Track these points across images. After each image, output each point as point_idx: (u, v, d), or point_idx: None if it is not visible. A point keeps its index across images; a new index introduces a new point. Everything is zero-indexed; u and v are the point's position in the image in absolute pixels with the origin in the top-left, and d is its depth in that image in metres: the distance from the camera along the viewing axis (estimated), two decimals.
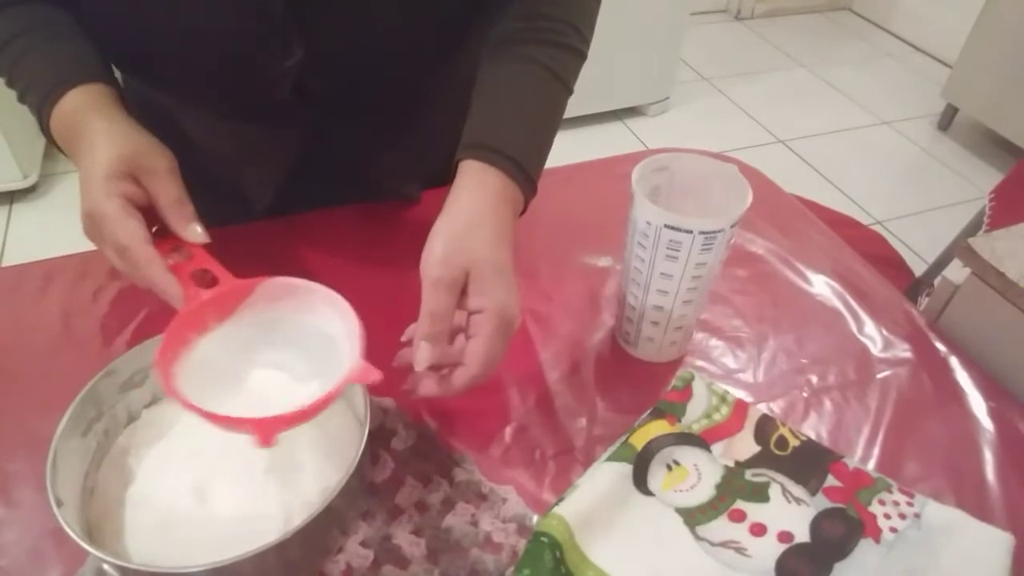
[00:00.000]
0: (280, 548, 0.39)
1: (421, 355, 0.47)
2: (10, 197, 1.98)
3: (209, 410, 0.41)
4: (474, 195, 0.51)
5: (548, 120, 0.59)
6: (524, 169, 0.53)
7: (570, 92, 0.60)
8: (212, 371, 0.45)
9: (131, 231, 0.47)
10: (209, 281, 0.49)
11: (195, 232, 0.50)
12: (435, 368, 0.48)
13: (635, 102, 2.50)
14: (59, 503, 0.41)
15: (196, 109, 0.67)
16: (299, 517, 0.41)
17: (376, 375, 0.42)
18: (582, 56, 0.61)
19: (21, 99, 0.55)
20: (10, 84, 0.56)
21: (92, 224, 0.48)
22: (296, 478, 0.47)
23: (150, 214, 0.50)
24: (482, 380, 0.48)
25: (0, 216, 1.96)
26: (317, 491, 0.46)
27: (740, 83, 2.78)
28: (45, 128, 0.53)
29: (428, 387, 0.48)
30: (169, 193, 0.50)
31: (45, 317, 0.63)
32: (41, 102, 0.52)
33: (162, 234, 0.50)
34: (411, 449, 0.52)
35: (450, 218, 0.50)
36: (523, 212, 0.56)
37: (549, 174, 0.83)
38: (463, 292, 0.48)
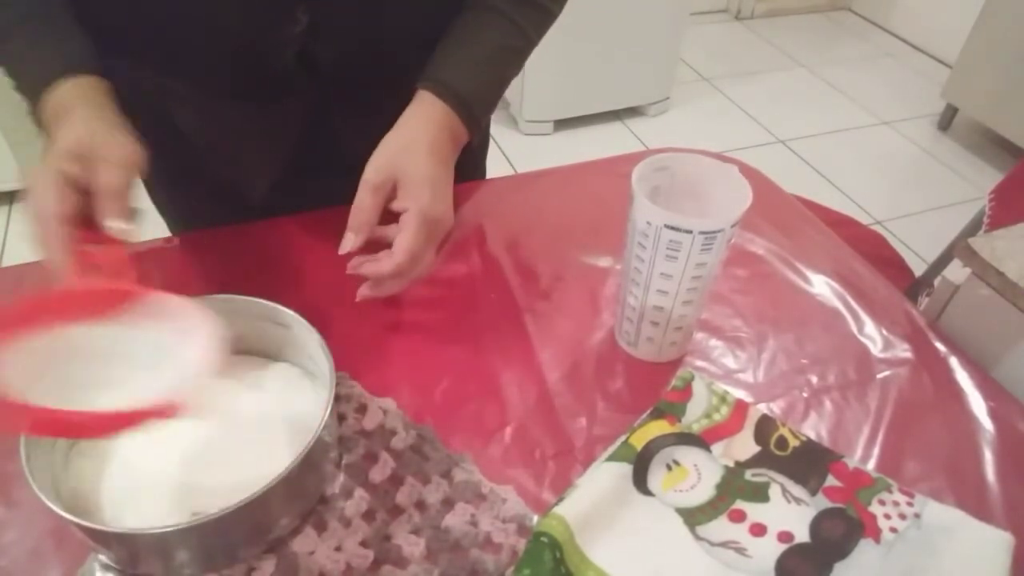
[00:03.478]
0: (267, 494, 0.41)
1: (346, 242, 0.54)
2: (10, 197, 1.98)
3: None
4: (419, 122, 0.59)
5: (502, 66, 0.66)
6: (467, 104, 0.60)
7: (531, 43, 0.66)
8: (56, 361, 0.42)
9: (50, 202, 0.45)
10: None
11: (117, 226, 0.47)
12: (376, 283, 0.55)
13: (635, 102, 2.50)
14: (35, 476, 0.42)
15: (195, 88, 0.66)
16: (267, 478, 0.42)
17: (174, 412, 0.40)
18: (548, 12, 0.67)
19: (18, 89, 0.55)
20: (8, 74, 0.56)
21: (28, 193, 0.47)
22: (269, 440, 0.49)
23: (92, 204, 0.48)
24: (409, 274, 0.55)
25: (0, 216, 1.96)
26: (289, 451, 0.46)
27: (740, 83, 2.78)
28: (38, 118, 0.53)
29: (365, 268, 0.55)
30: (110, 182, 0.47)
31: None
32: (35, 93, 0.52)
33: (92, 225, 0.47)
34: (411, 449, 0.52)
35: (394, 136, 0.58)
36: (468, 144, 0.63)
37: (549, 174, 0.84)
38: (394, 195, 0.55)
